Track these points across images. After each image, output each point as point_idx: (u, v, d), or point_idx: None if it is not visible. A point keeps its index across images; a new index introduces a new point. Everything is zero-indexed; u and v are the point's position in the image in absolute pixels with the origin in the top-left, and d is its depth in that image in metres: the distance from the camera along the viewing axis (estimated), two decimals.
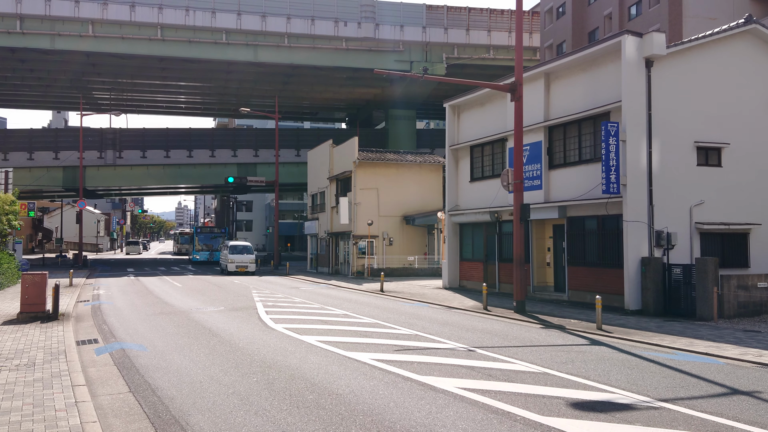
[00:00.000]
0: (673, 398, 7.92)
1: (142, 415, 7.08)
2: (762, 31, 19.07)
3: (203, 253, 52.30)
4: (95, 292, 23.51)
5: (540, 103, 21.09)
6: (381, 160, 35.65)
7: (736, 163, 18.71)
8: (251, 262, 36.40)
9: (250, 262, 36.34)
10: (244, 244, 37.85)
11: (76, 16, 41.48)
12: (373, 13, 45.93)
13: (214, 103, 61.42)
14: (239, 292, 23.60)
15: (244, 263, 36.23)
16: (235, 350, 10.99)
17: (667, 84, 17.96)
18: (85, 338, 12.55)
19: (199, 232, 54.27)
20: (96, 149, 50.75)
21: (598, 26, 40.75)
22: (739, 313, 16.19)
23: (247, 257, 36.53)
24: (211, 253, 51.92)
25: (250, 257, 36.61)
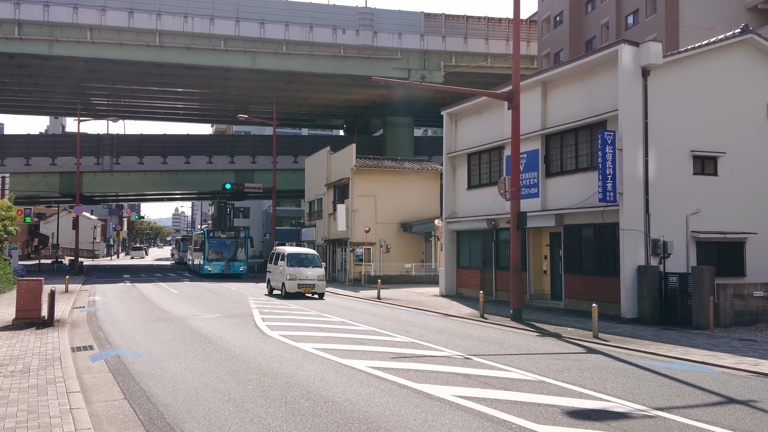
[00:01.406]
0: (669, 407, 7.92)
1: (137, 422, 7.05)
2: (758, 41, 19.17)
3: (217, 264, 39.98)
4: (91, 298, 23.45)
5: (537, 112, 21.15)
6: (378, 167, 35.70)
7: (732, 172, 18.78)
8: (320, 279, 23.88)
9: (318, 279, 23.83)
10: (308, 252, 25.30)
11: (75, 22, 41.55)
12: (372, 20, 46.09)
13: (212, 109, 61.49)
14: (235, 299, 23.55)
15: (310, 281, 23.72)
16: (230, 357, 10.96)
17: (663, 93, 18.03)
18: (80, 345, 12.50)
19: (212, 237, 40.69)
20: (93, 155, 50.72)
21: (596, 35, 40.93)
22: (735, 322, 16.21)
23: (314, 271, 24.01)
24: (227, 263, 40.28)
25: (317, 272, 24.05)
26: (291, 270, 23.63)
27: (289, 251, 24.68)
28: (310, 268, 24.01)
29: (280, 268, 24.27)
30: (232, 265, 40.43)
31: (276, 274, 25.00)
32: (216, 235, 41.07)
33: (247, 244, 41.46)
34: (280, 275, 24.20)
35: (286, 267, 23.77)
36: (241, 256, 40.74)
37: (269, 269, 26.22)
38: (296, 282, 23.42)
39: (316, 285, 23.67)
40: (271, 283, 25.77)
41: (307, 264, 24.24)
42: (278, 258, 25.13)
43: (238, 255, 40.78)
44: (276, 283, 25.00)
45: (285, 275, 23.67)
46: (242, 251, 40.81)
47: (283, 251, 24.82)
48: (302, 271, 23.70)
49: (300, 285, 23.44)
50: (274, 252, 26.00)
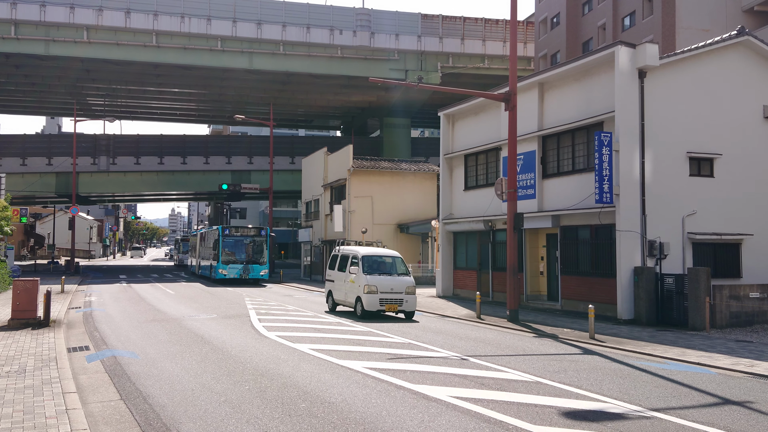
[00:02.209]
0: (665, 408, 7.93)
1: (133, 422, 7.04)
2: (754, 43, 19.23)
3: (234, 267, 34.02)
4: (87, 298, 23.40)
5: (534, 113, 21.18)
6: (375, 168, 35.70)
7: (728, 174, 18.83)
8: (409, 292, 17.63)
9: (407, 292, 17.59)
10: (389, 254, 18.91)
11: (71, 22, 41.47)
12: (369, 21, 46.11)
13: (209, 110, 61.44)
14: (232, 299, 23.52)
15: (397, 294, 17.47)
16: (227, 358, 10.95)
17: (660, 95, 18.08)
18: (76, 345, 12.47)
19: (228, 235, 34.63)
20: (89, 155, 50.66)
21: (592, 37, 41.01)
22: (731, 323, 16.25)
23: (401, 282, 17.70)
24: (245, 267, 34.35)
25: (405, 282, 17.76)
26: (369, 279, 17.33)
27: (364, 252, 18.37)
28: (394, 277, 17.71)
29: (351, 277, 18.01)
30: (252, 269, 34.43)
31: (342, 284, 18.82)
32: (232, 233, 34.93)
33: (268, 244, 35.56)
34: (352, 286, 18.05)
35: (362, 275, 17.48)
36: (262, 258, 34.95)
37: (329, 276, 20.15)
38: (377, 297, 17.10)
39: (405, 301, 17.34)
40: (333, 296, 19.48)
41: (391, 271, 18.02)
42: (345, 262, 18.89)
43: (259, 257, 34.98)
44: (342, 296, 18.81)
45: (360, 286, 17.44)
46: (263, 252, 35.05)
47: (355, 253, 18.52)
48: (385, 281, 17.43)
49: (383, 301, 17.14)
50: (338, 253, 19.90)
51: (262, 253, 34.95)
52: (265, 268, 34.86)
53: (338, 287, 19.25)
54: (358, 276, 17.70)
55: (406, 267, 18.86)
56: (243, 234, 35.22)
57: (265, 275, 34.79)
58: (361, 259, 18.01)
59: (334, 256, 20.29)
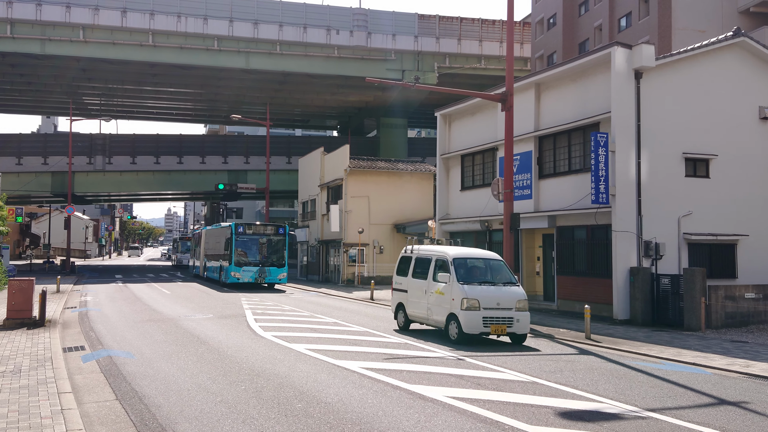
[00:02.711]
0: (660, 408, 7.95)
1: (129, 423, 7.02)
2: (750, 44, 19.29)
3: (248, 270, 30.15)
4: (83, 298, 23.34)
5: (530, 113, 21.21)
6: (372, 168, 35.70)
7: (723, 174, 18.88)
8: (521, 308, 13.24)
9: (518, 308, 13.20)
10: (490, 257, 14.57)
11: (67, 21, 41.35)
12: (366, 21, 46.10)
13: (205, 109, 61.35)
14: (228, 300, 23.49)
15: (506, 311, 13.11)
16: (223, 358, 10.93)
17: (656, 95, 18.12)
18: (71, 345, 12.44)
19: (243, 233, 30.85)
20: (85, 155, 50.53)
21: (589, 37, 41.08)
22: (726, 324, 16.29)
23: (509, 294, 13.40)
24: (261, 269, 30.38)
25: (515, 294, 13.41)
26: (468, 291, 12.95)
27: (455, 254, 13.89)
28: (499, 287, 13.41)
29: (438, 287, 13.71)
30: (268, 272, 30.50)
31: (420, 296, 14.44)
32: (247, 231, 31.03)
33: (287, 244, 31.95)
34: (439, 299, 13.66)
35: (456, 285, 13.12)
36: (280, 259, 31.08)
37: (398, 285, 15.61)
38: (479, 315, 12.75)
39: (516, 320, 12.97)
40: (406, 310, 15.03)
41: (493, 278, 13.72)
42: (425, 267, 14.51)
43: (277, 258, 31.10)
44: (421, 311, 14.41)
45: (454, 300, 13.05)
46: (282, 253, 31.22)
47: (441, 255, 14.07)
48: (488, 293, 13.10)
49: (488, 320, 12.78)
50: (411, 255, 15.35)
51: (281, 254, 31.18)
52: (284, 271, 31.01)
53: (414, 299, 14.74)
54: (451, 286, 13.23)
55: (512, 273, 14.21)
56: (259, 232, 31.37)
57: (283, 279, 31.02)
58: (453, 262, 13.54)
59: (404, 259, 15.72)
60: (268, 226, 32.05)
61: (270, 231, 31.58)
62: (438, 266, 14.04)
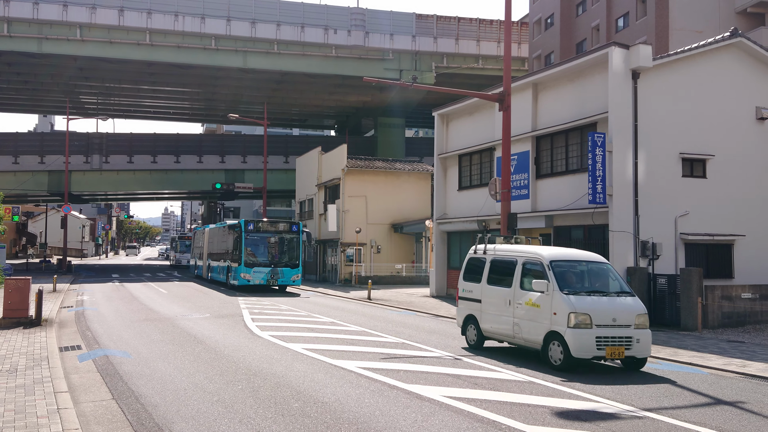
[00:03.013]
0: (657, 408, 7.96)
1: (125, 422, 7.01)
2: (747, 45, 19.32)
3: (260, 271, 27.74)
4: (79, 297, 23.30)
5: (528, 113, 21.22)
6: (370, 167, 35.70)
7: (720, 175, 18.91)
8: (640, 324, 10.47)
9: (638, 325, 10.44)
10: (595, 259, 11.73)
11: (64, 20, 41.26)
12: (363, 21, 46.08)
13: (203, 108, 61.28)
14: (225, 299, 23.47)
15: (623, 329, 10.34)
16: (220, 358, 10.92)
17: (653, 96, 18.14)
18: (68, 344, 12.42)
19: (253, 230, 28.38)
20: (82, 154, 50.44)
21: (586, 38, 41.12)
22: (723, 324, 16.32)
23: (625, 305, 10.60)
24: (273, 270, 27.94)
25: (632, 306, 10.63)
26: (576, 303, 10.40)
27: (551, 255, 11.27)
28: (612, 298, 10.83)
29: (531, 297, 11.02)
30: (281, 273, 28.11)
31: (500, 307, 11.80)
32: (259, 228, 28.52)
33: (301, 243, 29.37)
34: (531, 313, 10.99)
35: (559, 295, 10.52)
36: (294, 259, 28.65)
37: (467, 291, 12.94)
38: (593, 334, 10.24)
39: (636, 340, 10.43)
40: (480, 324, 12.33)
41: (603, 287, 11.17)
42: (506, 271, 11.89)
43: (291, 258, 28.70)
44: (504, 326, 11.70)
45: (557, 315, 10.44)
46: (296, 253, 28.75)
47: (532, 256, 11.44)
48: (602, 305, 10.52)
49: (603, 341, 10.25)
50: (484, 256, 12.68)
51: (294, 254, 28.71)
52: (297, 271, 28.61)
53: (492, 312, 12.01)
54: (551, 297, 10.55)
55: (622, 279, 11.67)
56: (271, 230, 28.82)
57: (297, 281, 28.71)
58: (551, 266, 10.88)
59: (474, 261, 13.02)
60: (281, 222, 29.77)
61: (283, 228, 29.14)
62: (527, 271, 11.33)
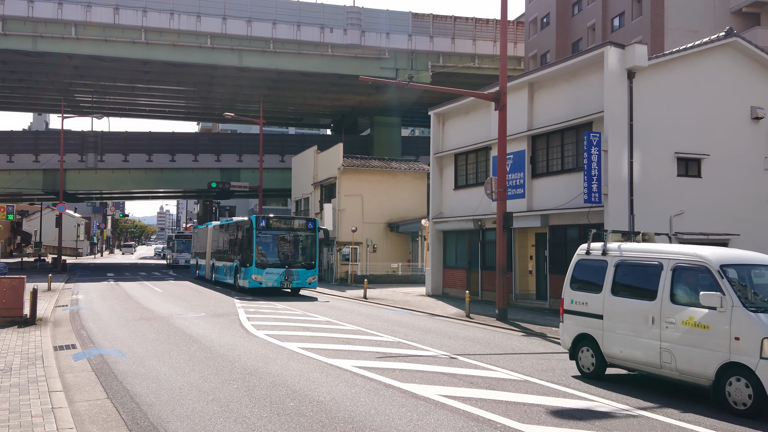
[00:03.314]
0: (651, 407, 7.98)
1: (120, 421, 7.00)
2: (742, 44, 19.37)
3: (272, 273, 24.99)
4: (74, 296, 23.23)
5: (524, 113, 21.23)
6: (366, 166, 35.69)
7: (715, 174, 18.96)
8: None
9: None
10: None
11: (59, 18, 41.10)
12: (359, 20, 46.04)
13: (198, 107, 61.15)
14: (221, 298, 23.43)
15: None
16: (215, 357, 10.91)
17: (648, 95, 18.17)
18: (62, 343, 12.38)
19: (265, 228, 25.62)
20: (77, 152, 50.29)
21: (582, 37, 41.17)
22: None
23: None
24: (287, 271, 25.17)
25: None
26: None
27: (721, 258, 8.57)
28: None
29: (688, 314, 8.37)
30: (296, 275, 25.29)
31: (637, 326, 9.16)
32: (272, 225, 25.78)
33: (317, 241, 26.87)
34: (692, 335, 8.30)
35: (743, 312, 7.75)
36: (309, 260, 25.97)
37: (579, 303, 10.52)
38: None
39: None
40: (605, 348, 9.68)
41: None
42: (651, 278, 9.08)
43: (306, 258, 25.98)
44: (640, 352, 9.09)
45: (744, 340, 7.65)
46: (312, 252, 26.15)
47: (694, 259, 8.67)
48: None
49: None
50: (608, 258, 9.98)
51: (310, 253, 26.06)
52: (314, 273, 25.89)
53: (623, 332, 9.33)
54: (728, 315, 7.90)
55: None
56: (286, 226, 26.27)
57: (313, 283, 25.93)
58: (722, 272, 8.22)
59: (587, 264, 10.42)
60: (296, 219, 27.13)
61: (298, 225, 26.49)
62: (681, 278, 8.71)
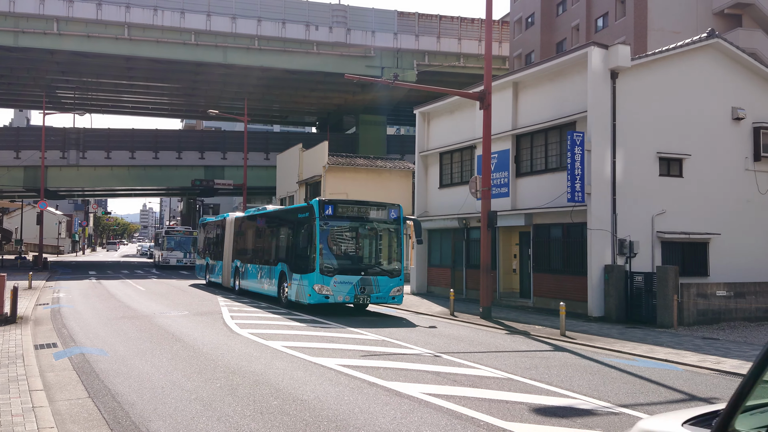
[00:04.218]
0: (633, 404, 8.06)
1: (101, 421, 6.93)
2: (724, 46, 19.60)
3: (344, 283, 17.29)
4: (55, 295, 22.98)
5: (508, 112, 21.33)
6: (351, 165, 35.64)
7: (696, 174, 19.18)
8: None
9: None
10: None
11: (41, 14, 40.62)
12: (345, 18, 45.98)
13: (182, 104, 60.72)
14: (204, 296, 23.30)
15: None
16: (198, 355, 10.84)
17: (631, 95, 18.33)
18: (43, 342, 12.25)
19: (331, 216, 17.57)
20: (59, 149, 49.74)
21: (566, 37, 41.42)
22: (698, 321, 16.56)
23: None
24: (363, 280, 17.49)
25: None
26: None
27: None
28: None
29: None
30: (376, 285, 17.64)
31: None
32: (340, 212, 17.83)
33: (403, 236, 18.54)
34: None
35: None
36: (393, 263, 18.32)
37: None
38: None
39: None
40: None
41: None
42: None
43: (388, 261, 18.35)
44: None
45: None
46: (396, 251, 18.39)
47: None
48: None
49: None
50: None
51: (395, 254, 18.27)
52: (399, 282, 17.97)
53: None
54: None
55: None
56: (360, 215, 18.05)
57: (398, 297, 18.08)
58: None
59: None
60: (374, 206, 18.39)
61: (377, 214, 18.16)
62: None
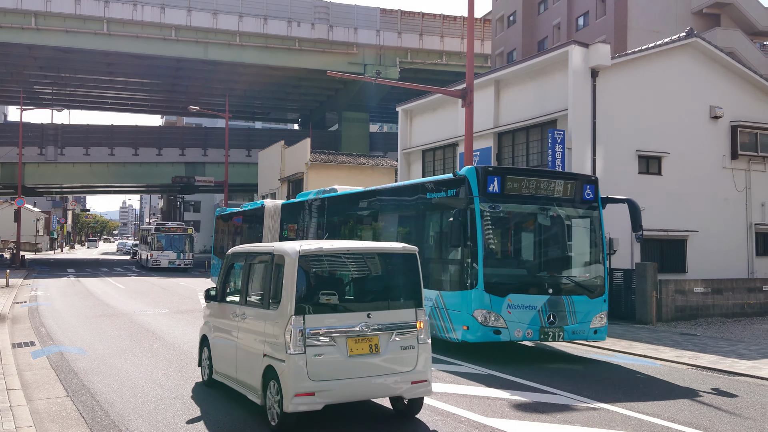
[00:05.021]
0: (611, 399, 8.14)
1: (80, 419, 6.87)
2: (702, 45, 19.83)
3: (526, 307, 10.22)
4: (33, 293, 22.69)
5: (490, 110, 21.41)
6: (334, 162, 35.56)
7: (675, 172, 19.39)
8: None
9: None
10: None
11: (19, 8, 40.01)
12: (327, 14, 45.86)
13: (162, 100, 60.21)
14: (185, 294, 23.14)
15: None
16: (179, 354, 10.77)
17: (611, 94, 18.48)
18: (21, 341, 12.09)
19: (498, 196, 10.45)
20: (36, 145, 49.05)
21: (548, 35, 41.66)
22: (676, 317, 16.76)
23: None
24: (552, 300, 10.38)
25: None
26: None
27: None
28: None
29: None
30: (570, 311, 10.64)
31: None
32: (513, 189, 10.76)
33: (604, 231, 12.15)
34: None
35: None
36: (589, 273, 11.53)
37: None
38: None
39: None
40: None
41: None
42: None
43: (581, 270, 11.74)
44: None
45: None
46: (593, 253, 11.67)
47: None
48: None
49: None
50: None
51: (595, 258, 11.69)
52: (602, 306, 11.13)
53: None
54: None
55: None
56: (541, 193, 11.09)
57: (601, 331, 11.14)
58: None
59: None
60: (560, 179, 11.51)
61: (563, 194, 11.47)
62: None
